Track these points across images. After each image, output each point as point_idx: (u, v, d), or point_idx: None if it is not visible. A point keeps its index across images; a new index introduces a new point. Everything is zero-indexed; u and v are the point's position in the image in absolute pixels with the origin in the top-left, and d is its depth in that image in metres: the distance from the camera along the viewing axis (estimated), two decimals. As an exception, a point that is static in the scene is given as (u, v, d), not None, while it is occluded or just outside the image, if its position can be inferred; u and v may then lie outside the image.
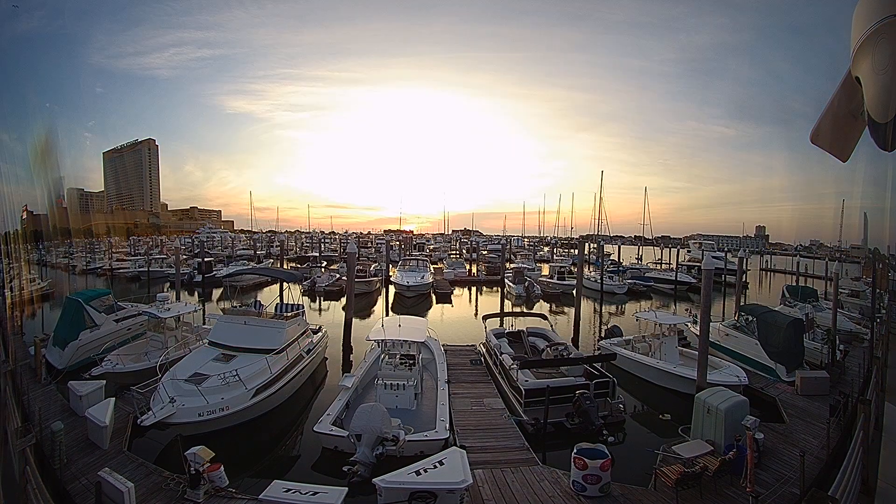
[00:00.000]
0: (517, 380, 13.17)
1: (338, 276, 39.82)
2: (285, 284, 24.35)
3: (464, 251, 74.39)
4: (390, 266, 46.05)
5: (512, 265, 49.54)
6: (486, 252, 59.84)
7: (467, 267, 51.41)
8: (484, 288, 43.73)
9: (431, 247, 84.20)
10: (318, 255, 62.38)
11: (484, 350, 17.91)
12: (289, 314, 16.10)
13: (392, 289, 37.43)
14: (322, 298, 34.94)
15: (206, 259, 42.47)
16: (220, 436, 10.91)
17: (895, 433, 9.33)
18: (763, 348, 16.12)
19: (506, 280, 41.48)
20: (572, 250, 73.99)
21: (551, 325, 19.77)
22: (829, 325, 19.49)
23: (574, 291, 27.79)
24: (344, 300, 26.34)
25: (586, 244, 65.40)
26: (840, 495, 7.33)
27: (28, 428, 8.75)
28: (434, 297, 36.47)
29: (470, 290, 42.51)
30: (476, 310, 33.24)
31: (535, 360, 15.21)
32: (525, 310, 28.83)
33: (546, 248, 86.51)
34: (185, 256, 51.64)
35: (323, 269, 45.00)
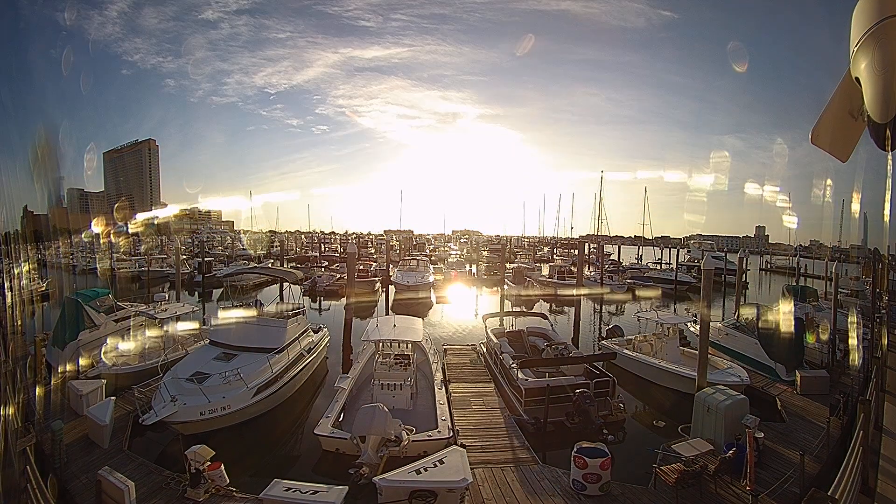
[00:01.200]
0: (517, 379, 13.19)
1: (338, 276, 39.82)
2: (285, 284, 24.37)
3: (464, 251, 74.38)
4: (390, 266, 46.08)
5: (512, 265, 49.50)
6: (486, 252, 59.81)
7: (467, 267, 51.35)
8: (484, 288, 43.77)
9: (432, 247, 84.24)
10: (318, 255, 62.34)
11: (484, 349, 17.92)
12: (289, 313, 16.10)
13: (392, 289, 37.48)
14: (322, 298, 34.95)
15: (206, 259, 42.47)
16: (220, 435, 10.90)
17: (895, 433, 9.34)
18: (763, 348, 16.13)
19: (506, 280, 41.52)
20: (572, 250, 73.93)
21: (551, 325, 19.78)
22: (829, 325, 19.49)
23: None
24: (344, 300, 26.34)
25: (586, 244, 65.52)
26: (840, 495, 7.32)
27: (28, 428, 8.74)
28: (434, 298, 36.46)
29: (470, 290, 42.50)
30: (476, 310, 33.27)
31: (536, 359, 15.23)
32: (525, 310, 28.84)
33: (546, 248, 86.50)
34: (184, 256, 51.64)
35: (323, 270, 45.01)
